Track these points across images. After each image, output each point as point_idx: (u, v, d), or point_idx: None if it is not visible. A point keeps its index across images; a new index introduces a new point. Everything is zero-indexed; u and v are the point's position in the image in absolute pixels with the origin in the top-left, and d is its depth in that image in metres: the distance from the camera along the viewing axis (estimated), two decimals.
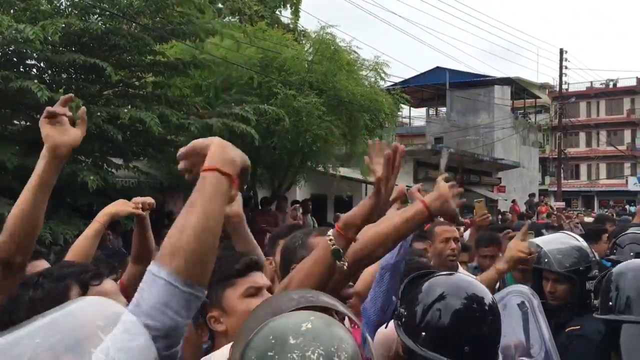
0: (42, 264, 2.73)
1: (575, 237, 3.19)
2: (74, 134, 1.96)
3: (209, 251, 1.29)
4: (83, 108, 1.96)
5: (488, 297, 1.67)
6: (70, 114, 1.96)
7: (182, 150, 1.45)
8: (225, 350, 1.54)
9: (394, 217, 1.84)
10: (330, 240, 1.61)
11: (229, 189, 1.35)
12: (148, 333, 1.10)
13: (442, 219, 8.07)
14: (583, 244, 3.11)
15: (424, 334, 1.61)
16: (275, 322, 1.10)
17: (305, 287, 1.54)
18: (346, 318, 1.64)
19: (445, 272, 1.91)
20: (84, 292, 1.54)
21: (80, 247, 2.58)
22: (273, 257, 2.65)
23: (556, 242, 3.15)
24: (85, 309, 1.11)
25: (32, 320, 1.04)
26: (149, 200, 2.82)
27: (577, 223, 8.67)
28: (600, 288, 2.52)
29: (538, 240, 3.25)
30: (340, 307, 1.24)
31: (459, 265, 4.32)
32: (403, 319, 1.70)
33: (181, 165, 1.45)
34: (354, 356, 1.06)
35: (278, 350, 1.02)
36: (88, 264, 1.73)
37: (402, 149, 1.76)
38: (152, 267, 1.24)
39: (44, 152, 1.90)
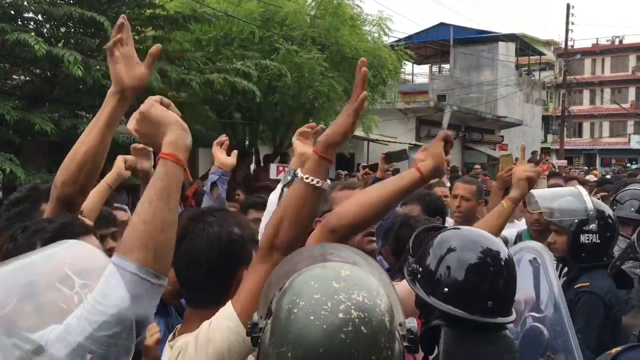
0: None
1: (578, 190, 3.17)
2: (139, 74, 1.83)
3: (173, 242, 1.33)
4: (157, 46, 1.82)
5: (504, 249, 1.66)
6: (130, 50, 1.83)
7: (141, 110, 1.46)
8: (227, 306, 1.51)
9: (387, 185, 1.84)
10: (307, 178, 1.56)
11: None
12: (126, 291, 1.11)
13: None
14: (582, 197, 3.05)
15: (446, 289, 1.58)
16: (311, 270, 1.09)
17: (299, 224, 1.55)
18: None
19: (455, 227, 1.89)
20: None
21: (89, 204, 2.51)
22: None
23: (555, 194, 3.18)
24: (59, 250, 1.12)
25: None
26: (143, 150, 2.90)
27: None
28: None
29: (535, 192, 3.21)
30: (363, 263, 1.21)
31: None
32: (419, 275, 1.66)
33: (133, 125, 1.46)
34: (391, 299, 1.08)
35: (324, 293, 1.01)
36: (61, 222, 1.66)
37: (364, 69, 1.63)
38: (116, 260, 1.22)
39: (112, 92, 1.82)
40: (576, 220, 2.97)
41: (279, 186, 2.80)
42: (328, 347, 0.97)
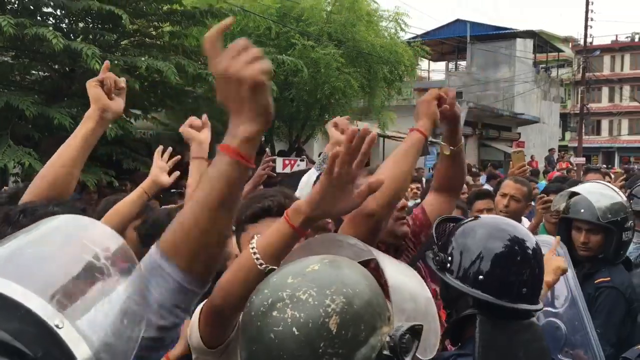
0: None
1: (611, 187, 3.13)
2: (119, 103, 1.94)
3: (222, 256, 1.20)
4: (123, 79, 1.98)
5: (530, 237, 1.65)
6: (120, 82, 1.96)
7: (228, 69, 1.14)
8: None
9: (402, 155, 1.83)
10: (255, 254, 1.30)
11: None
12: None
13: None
14: (620, 193, 3.06)
15: (481, 277, 1.56)
16: (290, 265, 1.08)
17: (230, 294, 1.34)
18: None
19: (477, 216, 1.88)
20: None
21: (119, 209, 2.59)
22: None
23: (596, 193, 3.06)
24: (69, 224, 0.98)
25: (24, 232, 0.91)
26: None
27: None
28: None
29: (577, 189, 3.18)
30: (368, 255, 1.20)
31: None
32: (448, 265, 1.64)
33: (219, 70, 1.15)
34: (355, 301, 0.97)
35: (273, 289, 1.00)
36: (67, 203, 1.65)
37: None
38: (162, 263, 1.07)
39: (90, 114, 1.86)
40: (619, 219, 2.91)
41: (314, 172, 2.83)
42: (259, 345, 0.96)
